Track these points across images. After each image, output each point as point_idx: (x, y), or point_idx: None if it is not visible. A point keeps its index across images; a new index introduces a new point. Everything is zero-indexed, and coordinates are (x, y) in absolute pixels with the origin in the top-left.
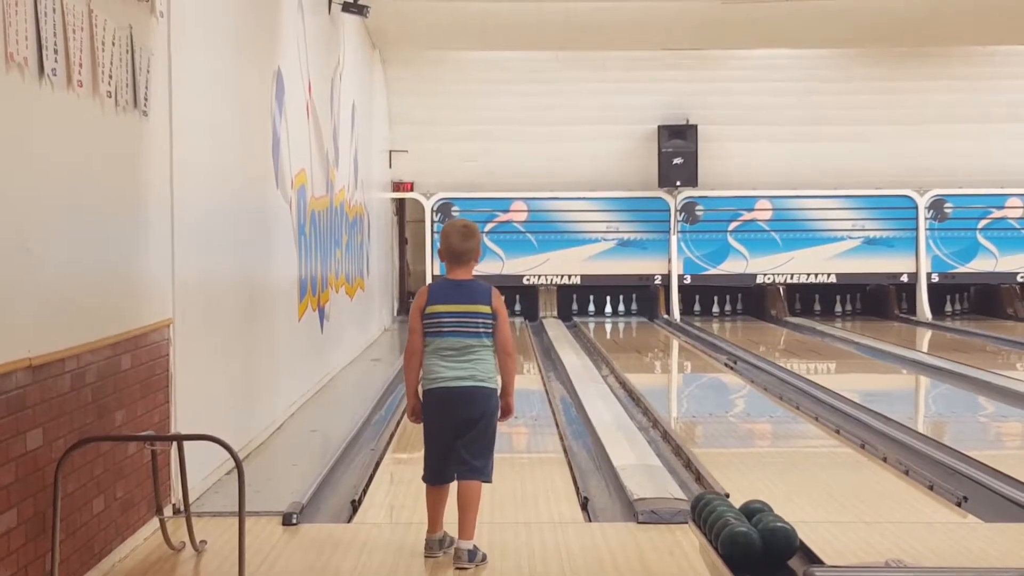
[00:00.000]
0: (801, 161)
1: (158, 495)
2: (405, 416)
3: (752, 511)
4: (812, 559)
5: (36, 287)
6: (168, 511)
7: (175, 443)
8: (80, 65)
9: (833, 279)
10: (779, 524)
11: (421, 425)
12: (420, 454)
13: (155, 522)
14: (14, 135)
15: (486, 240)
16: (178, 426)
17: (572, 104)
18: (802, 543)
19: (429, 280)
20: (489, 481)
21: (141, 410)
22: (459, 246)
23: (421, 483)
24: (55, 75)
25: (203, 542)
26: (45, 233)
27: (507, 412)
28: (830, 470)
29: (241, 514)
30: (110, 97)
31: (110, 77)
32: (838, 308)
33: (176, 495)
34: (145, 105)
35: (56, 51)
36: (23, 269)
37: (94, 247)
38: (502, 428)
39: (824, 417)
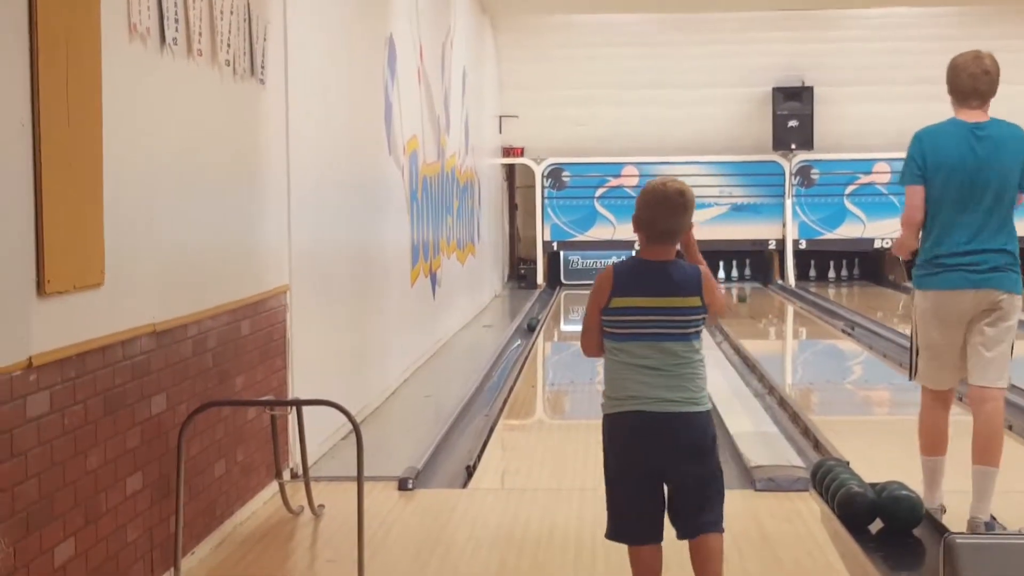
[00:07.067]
0: (919, 123)
1: (277, 459)
2: (518, 383)
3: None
4: (939, 529)
5: (159, 254)
6: (287, 475)
7: (294, 408)
8: (200, 34)
9: None
10: (904, 492)
11: (536, 392)
12: (533, 420)
13: (274, 486)
14: (137, 104)
15: (597, 205)
16: (295, 391)
17: (683, 67)
18: (928, 512)
19: (540, 246)
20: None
21: (260, 375)
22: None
23: (533, 450)
24: (176, 44)
25: (321, 506)
26: (167, 201)
27: None
28: (954, 439)
29: (360, 478)
30: (228, 66)
31: (228, 46)
32: None
33: (294, 459)
34: (262, 73)
35: (177, 20)
36: (147, 236)
37: (214, 214)
38: None
39: None
